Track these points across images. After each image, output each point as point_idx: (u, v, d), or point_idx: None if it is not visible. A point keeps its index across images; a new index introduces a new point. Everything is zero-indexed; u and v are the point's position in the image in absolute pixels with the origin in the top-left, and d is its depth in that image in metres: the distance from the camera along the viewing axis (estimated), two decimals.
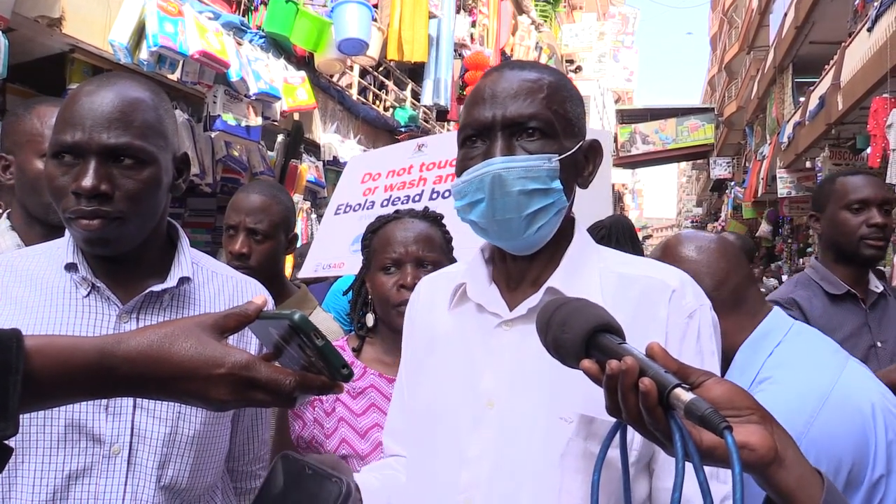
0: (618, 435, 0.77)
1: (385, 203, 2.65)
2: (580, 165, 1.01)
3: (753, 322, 1.26)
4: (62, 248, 1.11)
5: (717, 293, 1.22)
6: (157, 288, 1.11)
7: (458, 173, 1.00)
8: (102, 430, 1.03)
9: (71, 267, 1.08)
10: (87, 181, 1.01)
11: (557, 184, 0.94)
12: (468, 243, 1.74)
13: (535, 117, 0.94)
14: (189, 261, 1.17)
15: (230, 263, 1.86)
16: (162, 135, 1.09)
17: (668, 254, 1.33)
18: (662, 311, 0.93)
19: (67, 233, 1.12)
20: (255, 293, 1.26)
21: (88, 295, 1.08)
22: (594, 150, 1.02)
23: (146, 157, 1.06)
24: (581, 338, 0.72)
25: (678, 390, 0.64)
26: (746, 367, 1.22)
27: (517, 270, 1.01)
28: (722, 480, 0.89)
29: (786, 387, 1.16)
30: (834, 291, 2.04)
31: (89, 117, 1.02)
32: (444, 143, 2.86)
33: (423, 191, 2.64)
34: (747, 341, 1.24)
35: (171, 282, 1.13)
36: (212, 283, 1.21)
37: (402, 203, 2.55)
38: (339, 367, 0.73)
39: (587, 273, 0.98)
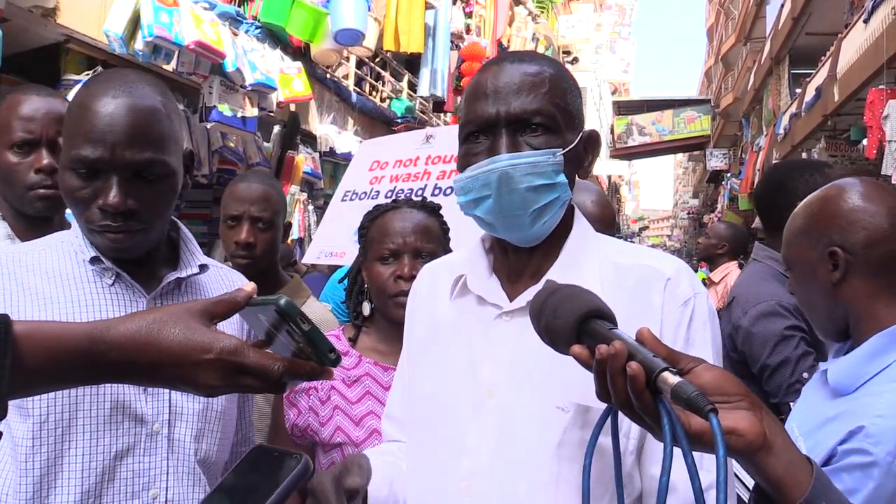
0: (609, 422, 0.77)
1: (389, 194, 2.63)
2: (581, 157, 1.01)
3: (893, 305, 1.16)
4: (72, 241, 1.12)
5: (865, 253, 1.16)
6: (182, 274, 1.14)
7: (461, 169, 1.00)
8: (144, 410, 1.06)
9: (95, 260, 1.09)
10: (116, 199, 1.02)
11: (562, 178, 0.95)
12: (467, 237, 1.74)
13: (539, 113, 0.94)
14: (199, 251, 1.21)
15: (234, 254, 1.86)
16: (176, 141, 1.10)
17: (826, 199, 1.23)
18: (657, 299, 0.94)
19: (75, 226, 1.13)
20: (242, 282, 1.29)
21: (113, 284, 1.10)
22: (593, 140, 1.03)
23: (167, 171, 1.07)
24: (572, 324, 0.72)
25: (665, 374, 0.64)
26: (877, 355, 1.13)
27: (518, 262, 1.02)
28: (706, 469, 0.89)
29: None
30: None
31: (110, 133, 1.01)
32: (452, 136, 2.85)
33: (426, 185, 2.63)
34: (889, 330, 1.13)
35: (192, 269, 1.16)
36: (217, 272, 1.26)
37: (406, 196, 2.55)
38: (326, 352, 0.74)
39: (586, 264, 0.99)
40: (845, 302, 1.19)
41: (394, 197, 2.55)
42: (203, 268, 1.18)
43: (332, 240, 2.73)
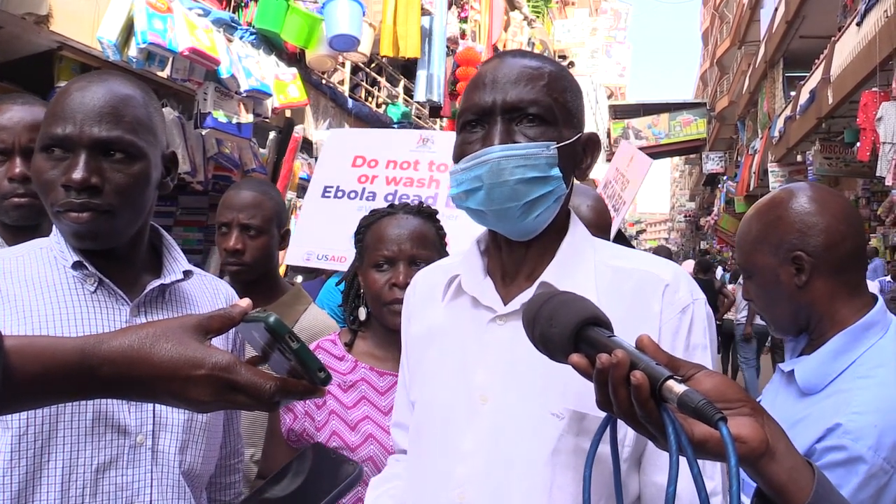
0: (608, 430, 0.76)
1: (390, 197, 2.56)
2: (578, 157, 1.00)
3: (850, 303, 1.21)
4: (52, 247, 1.10)
5: (826, 255, 1.20)
6: (166, 281, 1.12)
7: (456, 159, 0.99)
8: (127, 422, 1.04)
9: (78, 265, 1.07)
10: (78, 174, 1.00)
11: (556, 171, 0.94)
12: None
13: (535, 103, 0.94)
14: (183, 257, 1.19)
15: (225, 261, 1.85)
16: (152, 131, 1.09)
17: (779, 205, 1.27)
18: (656, 306, 0.93)
19: (55, 231, 1.11)
20: (226, 292, 1.28)
21: (96, 291, 1.07)
22: (593, 142, 1.02)
23: (136, 152, 1.06)
24: (569, 332, 0.71)
25: (670, 382, 0.63)
26: (841, 353, 1.19)
27: (512, 262, 1.01)
28: (708, 476, 0.88)
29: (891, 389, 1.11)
30: None
31: (80, 111, 1.02)
32: (452, 142, 2.76)
33: (437, 194, 2.59)
34: (850, 329, 1.19)
35: (176, 275, 1.14)
36: (201, 280, 1.24)
37: (414, 203, 2.51)
38: (315, 370, 0.73)
39: (582, 267, 0.98)
40: (808, 303, 1.23)
41: (397, 200, 2.50)
42: (187, 274, 1.16)
43: (322, 240, 2.64)
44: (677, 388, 0.62)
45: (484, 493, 0.93)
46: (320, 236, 2.65)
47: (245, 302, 0.77)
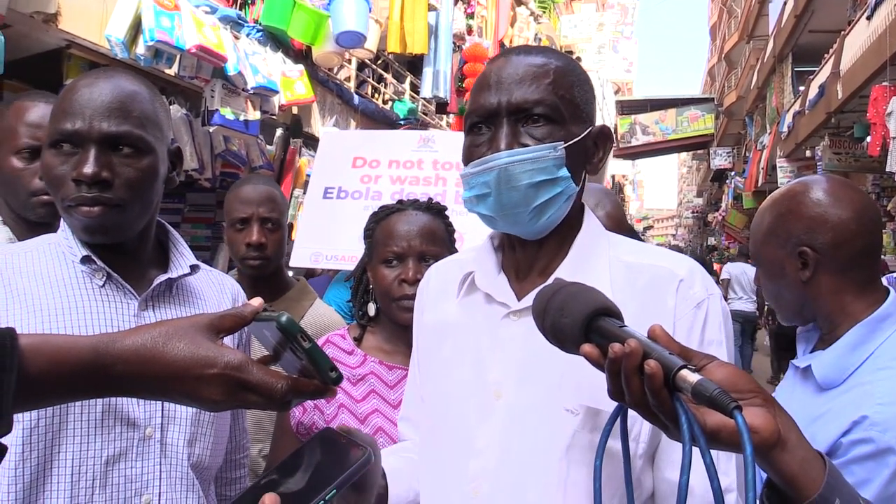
0: (618, 422, 0.76)
1: (396, 195, 2.56)
2: (589, 152, 1.00)
3: (861, 298, 1.20)
4: (60, 242, 1.11)
5: (833, 252, 1.19)
6: (173, 275, 1.13)
7: (465, 161, 0.99)
8: (136, 414, 1.05)
9: (86, 260, 1.08)
10: (89, 168, 1.02)
11: (564, 172, 0.93)
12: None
13: (540, 103, 0.93)
14: (189, 252, 1.20)
15: (245, 256, 1.86)
16: (158, 126, 1.11)
17: (793, 198, 1.26)
18: (670, 301, 0.93)
19: (63, 227, 1.12)
20: (232, 287, 1.29)
21: (104, 285, 1.08)
22: (604, 135, 1.01)
23: (144, 146, 1.07)
24: (581, 322, 0.71)
25: (684, 371, 0.63)
26: (858, 345, 1.18)
27: (525, 259, 1.01)
28: (723, 472, 0.88)
29: None
30: None
31: (89, 106, 1.04)
32: (457, 143, 2.77)
33: (444, 191, 2.61)
34: (866, 321, 1.18)
35: (183, 269, 1.15)
36: (207, 275, 1.25)
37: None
38: (326, 370, 0.73)
39: (596, 263, 0.98)
40: (813, 297, 1.24)
41: (403, 198, 2.51)
42: (194, 268, 1.18)
43: (329, 241, 2.64)
44: (691, 377, 0.62)
45: (498, 488, 0.93)
46: (326, 237, 2.65)
47: (257, 301, 0.78)
